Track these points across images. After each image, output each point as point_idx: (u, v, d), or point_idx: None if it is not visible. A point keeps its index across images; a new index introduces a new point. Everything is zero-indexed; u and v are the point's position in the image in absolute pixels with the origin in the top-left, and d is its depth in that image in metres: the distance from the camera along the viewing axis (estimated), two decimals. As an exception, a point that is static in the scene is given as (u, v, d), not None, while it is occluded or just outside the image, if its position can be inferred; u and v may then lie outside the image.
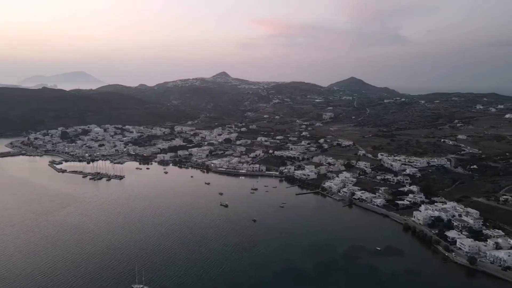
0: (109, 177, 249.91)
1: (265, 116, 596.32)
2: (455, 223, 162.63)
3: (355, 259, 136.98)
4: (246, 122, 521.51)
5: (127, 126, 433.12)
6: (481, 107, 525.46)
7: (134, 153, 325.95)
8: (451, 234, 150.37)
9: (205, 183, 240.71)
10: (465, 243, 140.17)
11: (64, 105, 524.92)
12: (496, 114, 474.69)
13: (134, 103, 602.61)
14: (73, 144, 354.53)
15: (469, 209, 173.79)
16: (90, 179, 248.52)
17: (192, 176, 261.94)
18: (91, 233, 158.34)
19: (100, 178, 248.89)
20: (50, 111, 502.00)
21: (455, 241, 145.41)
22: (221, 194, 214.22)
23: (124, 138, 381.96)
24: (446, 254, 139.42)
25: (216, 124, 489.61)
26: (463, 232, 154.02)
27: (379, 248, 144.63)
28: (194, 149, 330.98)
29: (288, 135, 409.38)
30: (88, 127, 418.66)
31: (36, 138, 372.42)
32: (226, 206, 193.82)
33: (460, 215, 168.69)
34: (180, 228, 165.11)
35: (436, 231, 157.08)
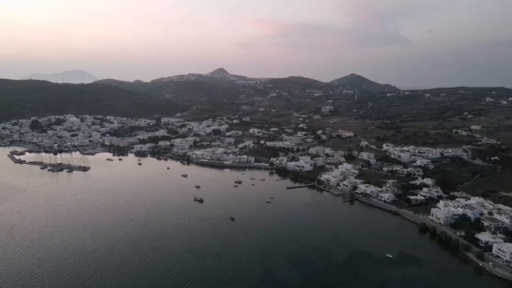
0: (71, 169, 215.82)
1: (260, 109, 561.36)
2: (485, 223, 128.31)
3: (359, 270, 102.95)
4: (240, 115, 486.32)
5: (108, 117, 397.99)
6: (491, 99, 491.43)
7: (109, 144, 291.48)
8: (484, 237, 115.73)
9: (182, 175, 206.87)
10: (506, 249, 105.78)
11: (46, 96, 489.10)
12: (507, 106, 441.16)
13: (121, 95, 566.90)
14: (43, 134, 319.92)
15: (501, 206, 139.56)
16: (49, 170, 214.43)
17: (168, 168, 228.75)
18: (21, 237, 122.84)
19: (61, 170, 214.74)
20: (30, 101, 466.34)
21: (491, 246, 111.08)
22: (197, 187, 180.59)
23: (102, 129, 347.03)
24: (480, 264, 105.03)
25: (206, 116, 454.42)
26: (497, 235, 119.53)
27: (390, 256, 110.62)
28: (177, 140, 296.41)
29: (284, 127, 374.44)
30: (64, 116, 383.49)
31: (4, 128, 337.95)
32: (201, 201, 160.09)
33: (490, 213, 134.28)
34: (138, 229, 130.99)
35: (463, 233, 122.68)
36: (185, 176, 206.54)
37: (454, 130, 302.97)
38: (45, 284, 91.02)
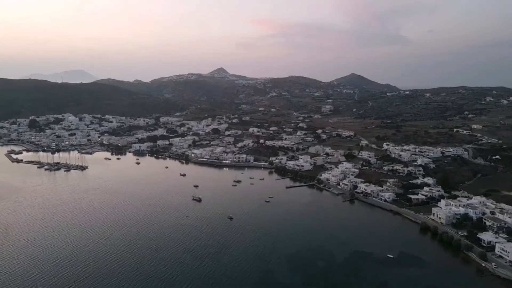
0: (68, 168, 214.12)
1: (260, 108, 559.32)
2: (487, 223, 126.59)
3: (359, 271, 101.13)
4: (239, 114, 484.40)
5: (107, 116, 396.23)
6: (492, 99, 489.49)
7: (107, 143, 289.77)
8: (486, 237, 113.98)
9: (180, 175, 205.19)
10: (509, 249, 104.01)
11: (46, 95, 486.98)
12: (508, 106, 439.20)
13: (121, 94, 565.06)
14: (41, 133, 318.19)
15: (503, 205, 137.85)
16: (46, 169, 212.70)
17: (167, 167, 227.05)
18: (16, 237, 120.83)
19: (58, 169, 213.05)
20: (29, 101, 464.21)
21: (493, 246, 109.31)
22: (196, 186, 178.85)
23: (101, 128, 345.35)
24: (483, 264, 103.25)
25: (206, 115, 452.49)
26: (500, 234, 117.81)
27: (391, 256, 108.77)
28: (176, 139, 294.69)
29: (284, 127, 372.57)
30: (62, 116, 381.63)
31: (2, 127, 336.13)
32: (199, 200, 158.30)
33: (492, 213, 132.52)
34: (135, 228, 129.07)
35: (465, 233, 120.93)
36: (184, 175, 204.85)
37: (455, 129, 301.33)
38: (37, 285, 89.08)
